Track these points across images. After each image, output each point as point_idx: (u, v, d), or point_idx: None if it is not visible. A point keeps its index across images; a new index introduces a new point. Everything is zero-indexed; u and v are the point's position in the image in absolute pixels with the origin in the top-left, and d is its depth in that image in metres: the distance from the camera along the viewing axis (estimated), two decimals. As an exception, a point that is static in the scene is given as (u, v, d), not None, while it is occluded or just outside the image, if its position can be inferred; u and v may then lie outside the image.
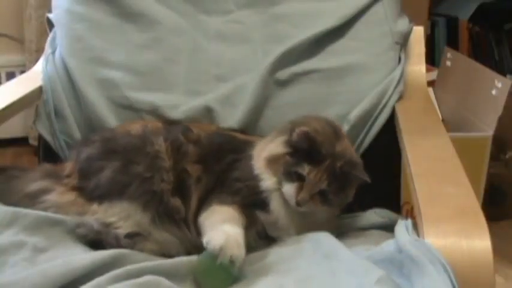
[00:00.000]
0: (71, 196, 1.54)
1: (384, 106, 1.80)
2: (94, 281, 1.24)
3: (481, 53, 3.31)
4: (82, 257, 1.32)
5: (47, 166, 1.68)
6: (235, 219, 1.44)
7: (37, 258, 1.35)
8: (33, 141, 3.38)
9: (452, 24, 3.36)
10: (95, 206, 1.51)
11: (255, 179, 1.53)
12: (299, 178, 1.48)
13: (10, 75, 3.35)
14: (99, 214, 1.50)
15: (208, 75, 1.90)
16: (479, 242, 1.15)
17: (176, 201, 1.54)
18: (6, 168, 1.67)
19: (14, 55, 3.46)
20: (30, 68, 2.11)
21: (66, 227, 1.47)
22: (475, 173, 2.39)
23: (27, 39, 3.39)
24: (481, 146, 2.45)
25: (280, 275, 1.33)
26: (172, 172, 1.56)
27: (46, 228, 1.45)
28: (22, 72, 2.97)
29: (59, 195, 1.54)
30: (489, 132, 2.45)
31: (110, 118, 1.83)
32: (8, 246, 1.34)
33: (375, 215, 1.62)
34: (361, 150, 1.78)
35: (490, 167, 2.48)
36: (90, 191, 1.54)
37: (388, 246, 1.28)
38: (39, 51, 2.13)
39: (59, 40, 1.96)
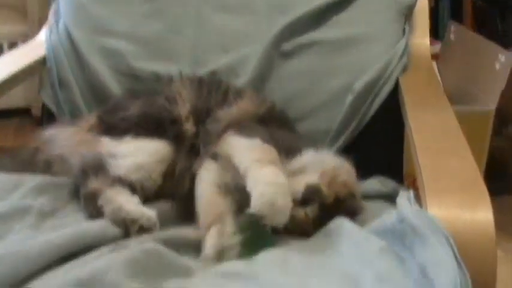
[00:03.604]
0: (83, 136, 1.59)
1: (388, 78, 1.79)
2: (97, 252, 1.26)
3: (485, 27, 3.29)
4: (87, 227, 1.34)
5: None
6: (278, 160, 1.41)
7: (42, 225, 1.37)
8: (36, 112, 3.39)
9: (456, -3, 3.34)
10: (106, 139, 1.56)
11: None
12: None
13: (13, 46, 3.34)
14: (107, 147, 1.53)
15: (213, 45, 1.90)
16: (481, 214, 1.15)
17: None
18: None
19: (16, 25, 3.45)
20: (32, 38, 2.11)
21: (71, 189, 1.50)
22: (477, 146, 2.39)
23: (30, 9, 3.38)
24: (484, 119, 2.45)
25: (283, 247, 1.33)
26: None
27: (51, 191, 1.48)
28: (25, 42, 2.96)
29: (72, 134, 1.60)
30: (492, 106, 2.44)
31: (114, 87, 1.84)
32: (13, 212, 1.36)
33: (377, 183, 1.62)
34: (365, 121, 1.78)
35: (492, 141, 2.48)
36: (105, 129, 1.59)
37: (389, 218, 1.28)
38: (42, 21, 2.13)
39: (62, 10, 1.96)
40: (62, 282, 1.10)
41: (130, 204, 1.38)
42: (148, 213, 1.37)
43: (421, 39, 1.93)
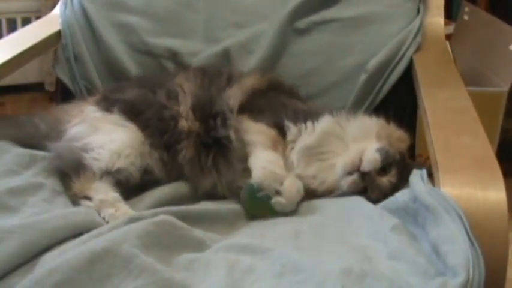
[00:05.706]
0: (82, 107, 1.60)
1: (402, 57, 1.79)
2: (111, 224, 1.28)
3: (498, 8, 3.27)
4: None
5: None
6: (280, 144, 1.48)
7: (56, 200, 1.38)
8: (48, 87, 3.39)
9: (470, -23, 3.31)
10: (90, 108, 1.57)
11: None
12: None
13: (26, 21, 3.34)
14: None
15: (226, 22, 1.90)
16: (494, 193, 1.16)
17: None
18: None
19: (29, 1, 3.44)
20: (45, 13, 2.10)
21: None
22: (489, 127, 2.36)
23: (43, -16, 3.37)
24: (496, 101, 2.44)
25: (296, 222, 1.34)
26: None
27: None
28: (38, 18, 2.96)
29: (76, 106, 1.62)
30: (504, 87, 2.43)
31: (129, 63, 1.85)
32: (28, 187, 1.37)
33: None
34: (378, 100, 1.79)
35: (504, 123, 2.47)
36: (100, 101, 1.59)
37: (402, 196, 1.29)
38: (55, -3, 2.13)
39: (76, -16, 1.96)
40: (75, 255, 1.09)
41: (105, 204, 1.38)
42: (123, 209, 1.38)
43: (436, 18, 1.92)
